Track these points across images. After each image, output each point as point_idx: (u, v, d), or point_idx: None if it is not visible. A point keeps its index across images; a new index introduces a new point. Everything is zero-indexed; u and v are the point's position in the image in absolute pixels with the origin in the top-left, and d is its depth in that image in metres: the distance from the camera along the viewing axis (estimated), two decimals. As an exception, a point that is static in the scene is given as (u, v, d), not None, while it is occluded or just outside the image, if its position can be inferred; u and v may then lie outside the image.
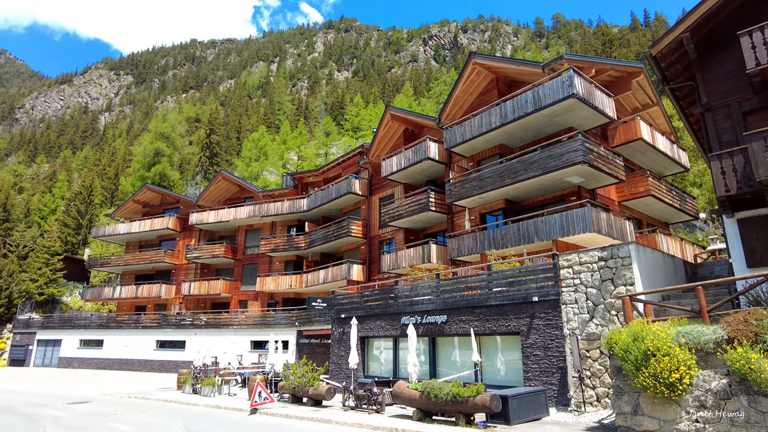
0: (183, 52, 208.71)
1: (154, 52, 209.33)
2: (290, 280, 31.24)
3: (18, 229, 53.16)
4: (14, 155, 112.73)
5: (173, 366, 30.42)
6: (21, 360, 36.25)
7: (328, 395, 15.17)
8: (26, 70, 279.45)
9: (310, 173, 34.99)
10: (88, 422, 13.65)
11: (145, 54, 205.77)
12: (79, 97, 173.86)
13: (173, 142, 74.70)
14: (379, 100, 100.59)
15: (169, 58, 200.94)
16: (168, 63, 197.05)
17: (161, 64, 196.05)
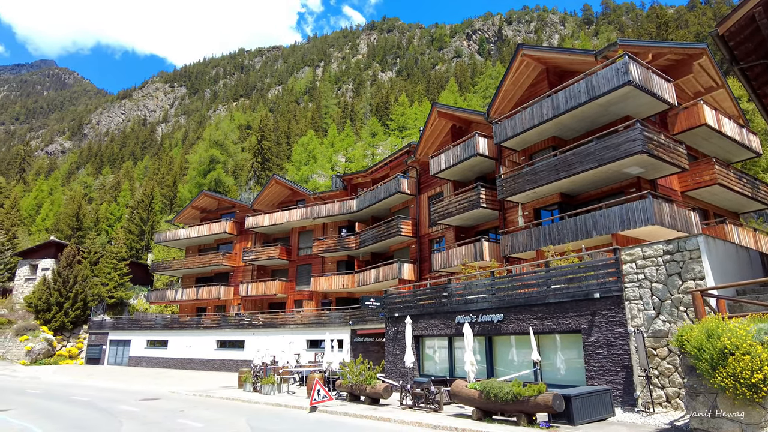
0: (232, 61, 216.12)
1: (205, 63, 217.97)
2: (342, 279, 31.68)
3: (89, 237, 56.80)
4: (84, 168, 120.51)
5: (233, 365, 31.56)
6: (96, 358, 38.69)
7: (386, 394, 15.27)
8: (92, 88, 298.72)
9: (359, 174, 35.34)
10: (159, 417, 14.40)
11: (196, 66, 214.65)
12: (138, 110, 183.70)
13: (227, 149, 77.54)
14: (424, 98, 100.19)
15: (219, 68, 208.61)
16: (218, 73, 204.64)
17: (212, 74, 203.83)
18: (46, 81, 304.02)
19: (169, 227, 48.55)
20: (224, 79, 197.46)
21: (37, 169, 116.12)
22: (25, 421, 14.15)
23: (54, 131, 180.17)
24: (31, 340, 38.36)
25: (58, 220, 70.06)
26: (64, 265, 41.20)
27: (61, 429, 12.81)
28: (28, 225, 72.67)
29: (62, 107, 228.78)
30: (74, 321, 40.60)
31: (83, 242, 54.95)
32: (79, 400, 18.81)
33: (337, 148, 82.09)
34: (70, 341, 40.48)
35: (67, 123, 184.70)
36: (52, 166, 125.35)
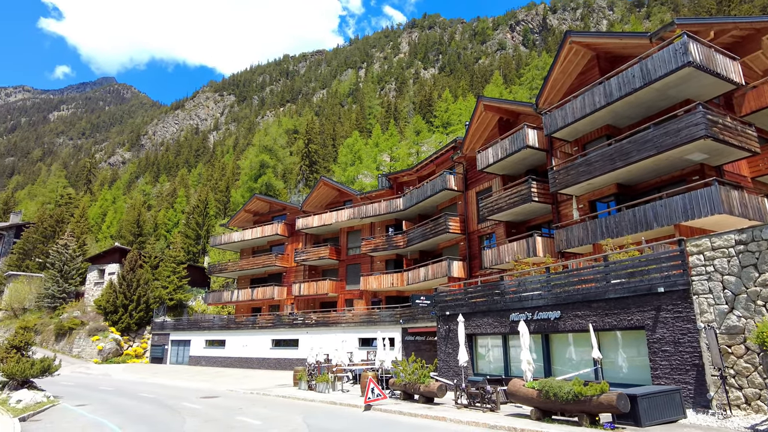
0: (277, 68, 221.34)
1: (252, 71, 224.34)
2: (391, 278, 31.70)
3: (149, 242, 59.74)
4: (142, 177, 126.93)
5: (288, 363, 32.24)
6: (159, 358, 40.62)
7: (440, 393, 15.12)
8: (147, 101, 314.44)
9: (404, 173, 35.27)
10: (219, 415, 14.89)
11: (244, 74, 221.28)
12: (190, 119, 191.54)
13: (275, 154, 79.44)
14: (468, 93, 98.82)
15: (266, 75, 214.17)
16: (265, 80, 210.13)
17: (259, 81, 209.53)
18: (107, 97, 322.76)
19: (224, 231, 50.26)
20: (270, 85, 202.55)
21: (102, 179, 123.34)
22: (99, 415, 15.03)
23: (115, 143, 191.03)
24: (102, 340, 40.78)
25: (121, 227, 74.12)
26: (128, 270, 43.54)
27: (131, 423, 13.48)
28: (95, 232, 77.34)
29: (122, 121, 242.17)
30: (138, 322, 42.84)
31: (144, 247, 57.83)
32: (146, 397, 19.78)
33: (382, 148, 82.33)
34: (136, 341, 42.74)
35: (127, 135, 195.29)
36: (115, 176, 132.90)
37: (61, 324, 43.13)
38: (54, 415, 15.43)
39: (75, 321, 43.15)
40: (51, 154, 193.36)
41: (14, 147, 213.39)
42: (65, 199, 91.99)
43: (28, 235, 64.75)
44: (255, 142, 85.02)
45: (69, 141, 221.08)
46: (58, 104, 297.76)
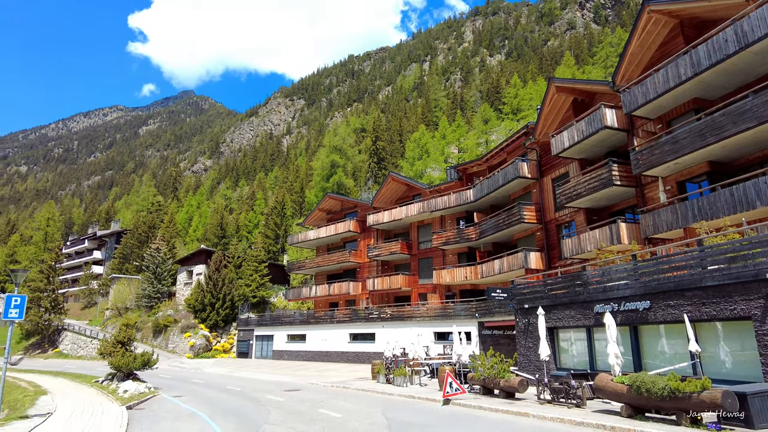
0: (343, 68, 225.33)
1: (319, 74, 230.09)
2: (465, 271, 31.17)
3: (232, 243, 63.18)
4: (223, 182, 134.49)
5: (366, 357, 32.78)
6: (245, 352, 42.88)
7: (521, 387, 14.63)
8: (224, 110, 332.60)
9: (473, 163, 34.52)
10: (302, 407, 15.36)
11: (311, 77, 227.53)
12: (264, 125, 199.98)
13: (345, 153, 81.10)
14: (538, 76, 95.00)
15: (332, 77, 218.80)
16: (332, 81, 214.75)
17: (326, 84, 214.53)
18: (188, 109, 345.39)
19: (300, 230, 52.02)
20: (337, 86, 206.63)
21: (187, 186, 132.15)
22: (192, 406, 16.06)
23: (197, 152, 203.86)
24: (193, 336, 43.72)
25: (206, 230, 79.04)
26: (213, 270, 46.28)
27: (220, 415, 14.26)
28: (183, 236, 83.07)
29: (201, 130, 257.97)
30: (225, 319, 45.47)
31: (228, 248, 61.26)
32: (233, 390, 20.89)
33: (449, 140, 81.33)
34: (223, 337, 45.40)
35: (207, 144, 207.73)
36: (198, 183, 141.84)
37: (157, 321, 46.77)
38: (154, 404, 16.70)
39: (169, 319, 46.61)
40: (142, 166, 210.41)
41: (112, 161, 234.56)
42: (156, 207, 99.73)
43: (126, 240, 70.86)
44: (325, 143, 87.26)
45: (157, 152, 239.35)
46: (146, 119, 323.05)
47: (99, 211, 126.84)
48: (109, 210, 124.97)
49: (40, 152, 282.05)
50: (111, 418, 13.49)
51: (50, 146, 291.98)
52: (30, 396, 19.11)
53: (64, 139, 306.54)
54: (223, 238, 73.31)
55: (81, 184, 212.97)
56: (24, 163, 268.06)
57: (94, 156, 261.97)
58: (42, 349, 50.69)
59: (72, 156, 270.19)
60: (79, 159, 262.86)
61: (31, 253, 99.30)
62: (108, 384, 21.28)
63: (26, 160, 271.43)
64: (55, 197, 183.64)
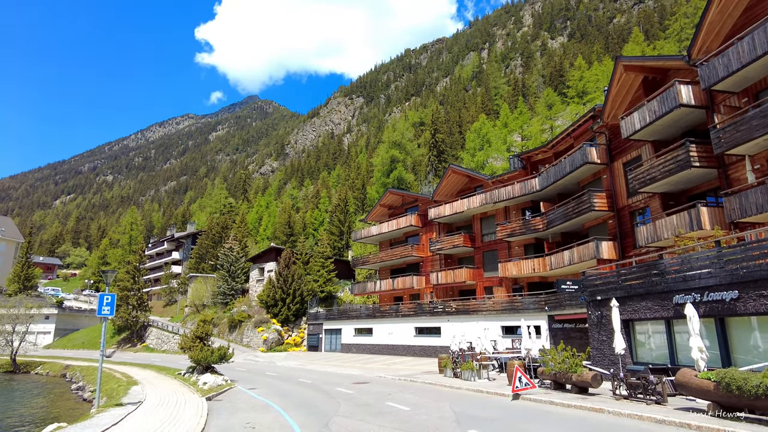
0: (400, 63, 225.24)
1: (377, 70, 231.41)
2: (532, 263, 30.24)
3: (299, 241, 65.18)
4: (289, 182, 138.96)
5: (432, 351, 32.72)
6: (315, 346, 44.14)
7: (594, 382, 14.00)
8: (287, 113, 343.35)
9: (538, 150, 33.32)
10: (370, 400, 15.58)
11: (369, 75, 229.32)
12: (325, 125, 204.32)
13: (404, 148, 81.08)
14: (604, 56, 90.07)
15: (389, 73, 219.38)
16: (389, 77, 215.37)
17: (384, 80, 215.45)
18: (253, 113, 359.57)
19: (363, 226, 52.71)
20: (395, 82, 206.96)
21: (255, 188, 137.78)
22: (266, 398, 16.76)
23: (263, 155, 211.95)
24: (266, 330, 45.60)
25: (275, 229, 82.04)
26: (283, 267, 47.96)
27: (293, 406, 14.77)
28: (253, 235, 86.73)
29: (267, 133, 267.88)
30: (295, 314, 47.04)
31: (296, 246, 63.25)
32: (304, 382, 21.57)
33: (512, 128, 79.08)
34: (294, 331, 47.00)
35: (273, 146, 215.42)
36: (266, 184, 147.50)
37: (232, 317, 49.20)
38: (231, 396, 17.59)
39: (243, 314, 48.89)
40: (213, 170, 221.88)
41: (186, 167, 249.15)
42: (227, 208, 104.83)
43: (201, 241, 75.00)
44: (384, 139, 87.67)
45: (226, 157, 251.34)
46: (215, 125, 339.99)
47: (176, 214, 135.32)
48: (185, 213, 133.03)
49: (123, 162, 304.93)
50: (193, 408, 14.36)
51: (131, 156, 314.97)
52: (123, 386, 20.78)
53: (142, 149, 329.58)
54: (291, 236, 75.80)
55: (159, 190, 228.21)
56: (110, 172, 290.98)
57: (169, 163, 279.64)
58: (131, 343, 54.90)
59: (150, 164, 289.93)
60: (156, 166, 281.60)
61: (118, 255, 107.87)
62: (189, 376, 22.68)
63: (111, 170, 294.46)
64: (137, 203, 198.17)
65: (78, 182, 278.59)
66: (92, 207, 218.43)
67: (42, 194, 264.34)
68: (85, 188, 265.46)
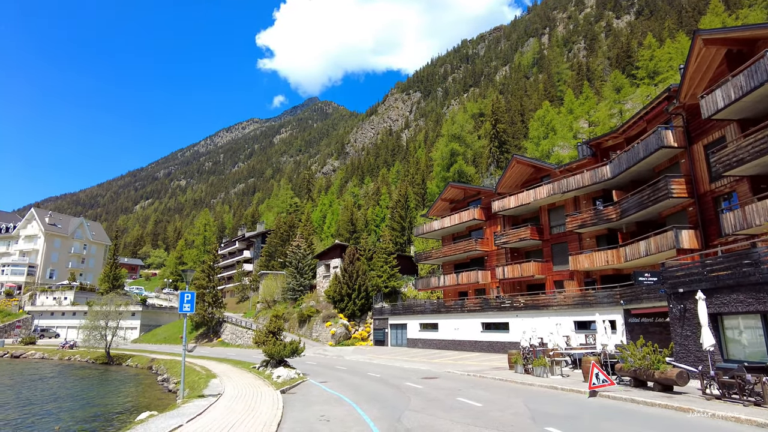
0: (457, 55, 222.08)
1: (433, 64, 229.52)
2: (605, 255, 28.84)
3: (362, 237, 66.15)
4: (350, 181, 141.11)
5: (500, 347, 32.10)
6: (381, 340, 44.61)
7: (680, 380, 13.15)
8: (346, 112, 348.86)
9: (608, 136, 31.65)
10: (440, 395, 15.52)
11: (426, 68, 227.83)
12: (383, 122, 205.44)
13: (464, 140, 79.89)
14: (678, 32, 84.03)
15: (446, 65, 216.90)
16: (446, 70, 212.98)
17: (441, 73, 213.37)
18: (314, 115, 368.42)
19: (424, 221, 52.56)
20: (452, 74, 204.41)
21: (318, 187, 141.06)
22: (338, 391, 17.13)
23: (325, 155, 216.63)
24: (333, 325, 46.65)
25: (338, 226, 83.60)
26: (348, 263, 48.82)
27: (364, 400, 15.00)
28: (318, 233, 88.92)
29: (328, 134, 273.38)
30: (361, 308, 47.76)
31: (359, 242, 64.24)
32: (373, 376, 21.85)
33: (577, 114, 75.74)
34: (360, 326, 47.75)
35: (333, 146, 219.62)
36: (328, 183, 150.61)
37: (301, 312, 50.74)
38: (303, 389, 18.14)
39: (311, 309, 50.29)
40: (279, 171, 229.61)
41: (253, 170, 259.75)
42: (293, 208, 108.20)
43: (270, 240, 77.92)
44: (443, 133, 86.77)
45: (290, 158, 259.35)
46: (279, 128, 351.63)
47: (245, 215, 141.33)
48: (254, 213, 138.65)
49: (194, 167, 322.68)
50: (269, 401, 14.95)
51: (202, 161, 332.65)
52: (203, 378, 22.02)
53: (212, 154, 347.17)
54: (354, 233, 76.99)
55: (229, 192, 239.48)
56: (183, 177, 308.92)
57: (237, 166, 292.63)
58: (208, 339, 58.03)
59: (219, 168, 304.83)
60: (225, 170, 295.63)
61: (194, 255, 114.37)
62: (263, 370, 23.64)
63: (184, 175, 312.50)
64: (208, 205, 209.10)
65: (155, 188, 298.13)
66: (168, 210, 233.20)
67: (124, 200, 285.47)
68: (161, 193, 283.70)
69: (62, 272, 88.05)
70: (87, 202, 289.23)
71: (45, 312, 73.94)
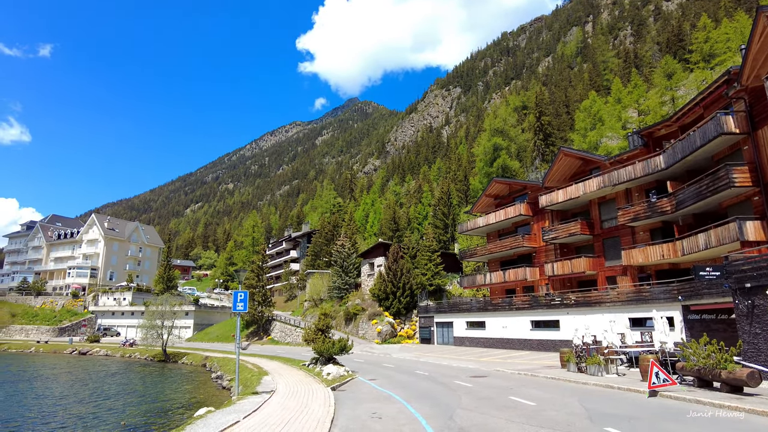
0: (497, 48, 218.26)
1: (473, 58, 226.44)
2: (660, 249, 27.57)
3: (405, 235, 66.15)
4: (391, 179, 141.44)
5: (551, 345, 31.32)
6: (427, 338, 44.46)
7: (751, 381, 12.40)
8: (386, 112, 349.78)
9: (661, 125, 30.19)
10: (491, 394, 15.29)
11: (465, 63, 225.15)
12: (423, 120, 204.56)
13: (507, 134, 78.30)
14: (735, 11, 79.23)
15: (487, 59, 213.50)
16: (486, 63, 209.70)
17: (481, 67, 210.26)
18: (354, 115, 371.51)
19: (468, 218, 51.98)
20: (493, 67, 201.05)
21: (360, 187, 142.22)
22: (387, 389, 17.18)
23: (366, 154, 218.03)
24: (379, 323, 46.90)
25: (381, 225, 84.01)
26: (392, 261, 48.93)
27: (414, 398, 14.97)
28: (361, 232, 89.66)
29: (368, 134, 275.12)
30: (406, 306, 47.76)
31: (402, 240, 64.28)
32: (421, 374, 21.79)
33: (626, 103, 72.72)
34: (406, 324, 47.76)
35: (374, 145, 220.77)
36: (370, 182, 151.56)
37: (347, 310, 51.30)
38: (353, 386, 18.30)
39: (357, 307, 50.75)
40: (321, 173, 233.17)
41: (296, 171, 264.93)
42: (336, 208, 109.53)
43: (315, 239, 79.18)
44: (485, 127, 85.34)
45: (332, 159, 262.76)
46: (321, 130, 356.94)
47: (291, 215, 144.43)
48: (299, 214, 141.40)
49: (241, 170, 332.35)
50: (320, 398, 15.19)
51: (248, 164, 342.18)
52: (256, 376, 22.62)
53: (257, 157, 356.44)
54: (397, 231, 77.13)
55: (274, 194, 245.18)
56: (230, 180, 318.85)
57: (281, 168, 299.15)
58: (258, 336, 59.61)
59: (265, 170, 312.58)
60: (270, 172, 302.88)
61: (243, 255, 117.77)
62: (313, 367, 24.04)
63: (231, 178, 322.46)
64: (255, 207, 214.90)
65: (204, 191, 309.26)
66: (217, 213, 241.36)
67: (175, 204, 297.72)
68: (210, 196, 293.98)
69: (120, 274, 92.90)
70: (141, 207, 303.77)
71: (106, 312, 78.31)
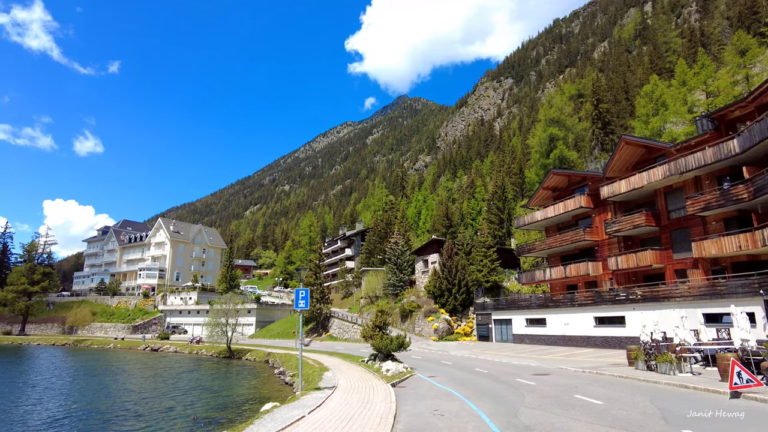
0: (549, 35, 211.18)
1: (524, 48, 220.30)
2: (737, 240, 25.71)
3: (459, 231, 65.47)
4: (443, 175, 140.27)
5: (616, 342, 30.05)
6: (485, 336, 43.82)
7: None
8: (435, 107, 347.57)
9: (734, 106, 28.12)
10: (555, 392, 14.88)
11: (516, 53, 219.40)
12: (474, 113, 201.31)
13: (563, 124, 75.67)
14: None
15: (539, 47, 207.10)
16: (538, 52, 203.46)
17: (533, 56, 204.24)
18: (404, 113, 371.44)
19: (525, 212, 50.71)
20: (545, 56, 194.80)
21: (411, 184, 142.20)
22: (447, 386, 17.12)
23: (416, 151, 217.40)
24: (435, 320, 46.72)
25: (434, 222, 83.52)
26: (446, 258, 48.59)
27: (476, 396, 14.82)
28: (414, 229, 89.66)
29: (418, 130, 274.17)
30: (462, 303, 47.30)
31: (456, 236, 63.68)
32: (481, 372, 21.52)
33: (691, 85, 68.27)
34: (462, 321, 47.31)
35: (424, 142, 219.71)
36: (421, 179, 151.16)
37: (403, 307, 51.44)
38: (413, 383, 18.35)
39: (413, 304, 50.79)
40: (373, 171, 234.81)
41: (349, 171, 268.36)
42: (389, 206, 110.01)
43: (369, 237, 79.98)
44: (540, 118, 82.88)
45: (383, 157, 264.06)
46: (371, 129, 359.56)
47: (344, 214, 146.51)
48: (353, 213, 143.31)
49: (296, 172, 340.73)
50: (381, 394, 15.35)
51: (302, 166, 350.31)
52: (317, 371, 23.18)
53: (311, 159, 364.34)
54: (450, 227, 76.44)
55: (328, 194, 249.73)
56: (286, 182, 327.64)
57: (334, 169, 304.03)
58: (317, 333, 60.97)
59: (318, 171, 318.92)
60: (323, 173, 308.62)
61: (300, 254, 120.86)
62: (372, 363, 24.31)
63: (287, 180, 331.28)
64: (310, 207, 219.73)
65: (262, 194, 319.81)
66: (275, 214, 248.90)
67: (235, 207, 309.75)
68: (267, 198, 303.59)
69: (186, 274, 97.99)
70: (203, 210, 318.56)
71: (174, 311, 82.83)
